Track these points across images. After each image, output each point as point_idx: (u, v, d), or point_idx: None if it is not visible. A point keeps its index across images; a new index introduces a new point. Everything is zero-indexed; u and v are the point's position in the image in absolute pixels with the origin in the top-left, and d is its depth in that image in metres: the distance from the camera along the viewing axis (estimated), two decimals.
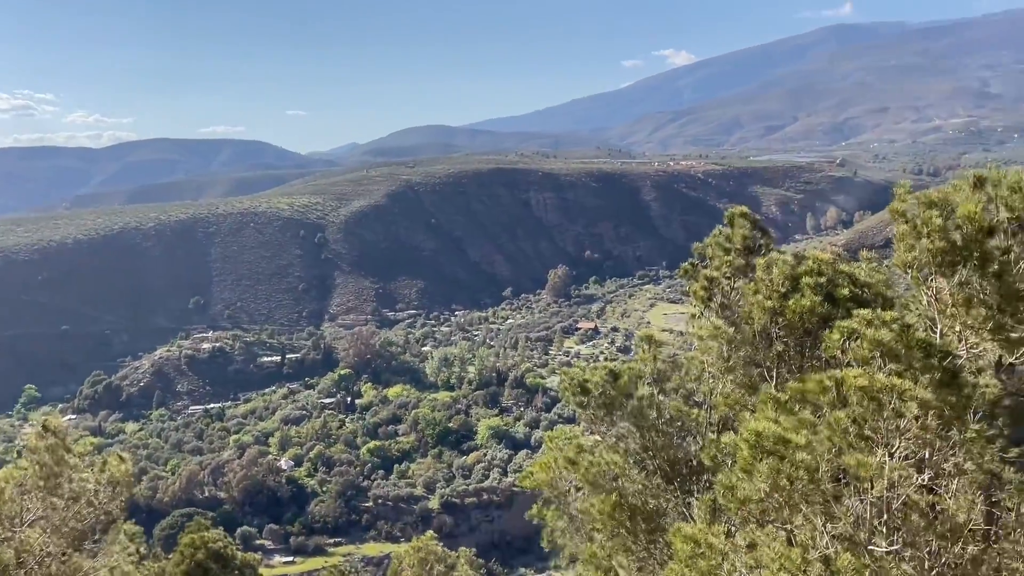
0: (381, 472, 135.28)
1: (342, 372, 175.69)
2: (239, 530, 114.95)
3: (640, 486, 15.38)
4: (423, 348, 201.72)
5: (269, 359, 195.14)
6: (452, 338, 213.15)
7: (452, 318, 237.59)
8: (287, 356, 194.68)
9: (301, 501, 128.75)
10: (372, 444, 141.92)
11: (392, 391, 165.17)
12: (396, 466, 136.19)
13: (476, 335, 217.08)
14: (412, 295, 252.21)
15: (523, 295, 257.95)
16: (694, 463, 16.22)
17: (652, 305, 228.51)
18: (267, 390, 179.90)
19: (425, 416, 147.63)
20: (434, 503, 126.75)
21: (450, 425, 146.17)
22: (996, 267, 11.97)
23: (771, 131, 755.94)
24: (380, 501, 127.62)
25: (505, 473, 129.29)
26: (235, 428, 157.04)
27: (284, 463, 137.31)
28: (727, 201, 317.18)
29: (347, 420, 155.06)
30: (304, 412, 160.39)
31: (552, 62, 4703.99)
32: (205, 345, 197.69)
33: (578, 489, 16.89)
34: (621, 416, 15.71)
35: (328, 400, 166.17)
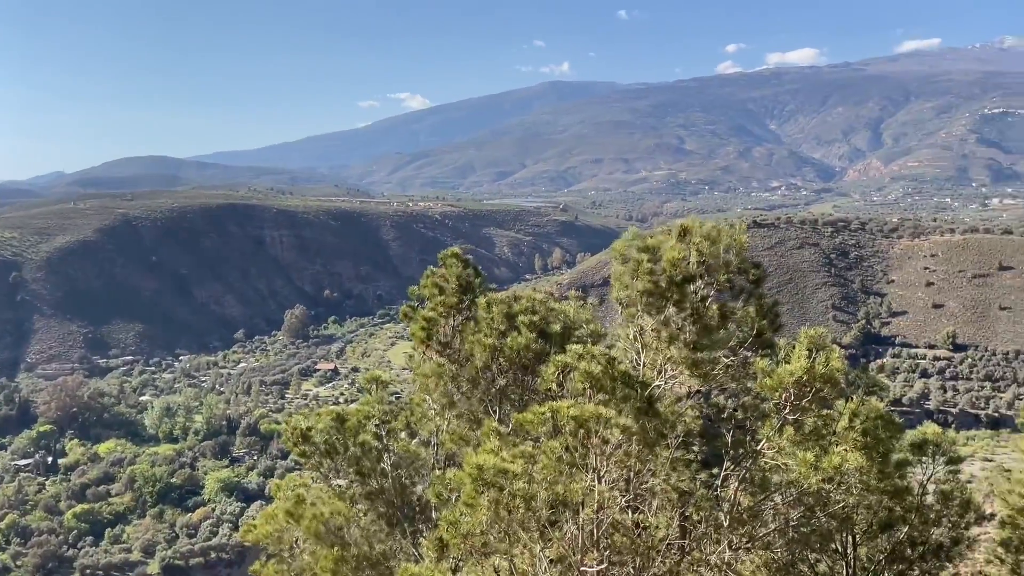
0: (90, 539, 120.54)
1: (42, 428, 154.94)
2: None
3: (368, 532, 15.09)
4: (142, 398, 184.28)
5: None
6: (176, 385, 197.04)
7: (176, 364, 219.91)
8: None
9: None
10: (79, 508, 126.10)
11: (104, 447, 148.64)
12: (108, 530, 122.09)
13: (204, 381, 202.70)
14: (129, 340, 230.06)
15: (257, 337, 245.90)
16: (423, 502, 16.27)
17: (393, 344, 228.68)
18: None
19: (143, 472, 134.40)
20: (154, 567, 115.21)
21: (173, 480, 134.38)
22: (692, 308, 13.46)
23: (502, 176, 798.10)
24: (88, 571, 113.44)
25: (236, 528, 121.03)
26: None
27: None
28: (463, 241, 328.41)
29: (48, 483, 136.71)
30: None
31: (287, 98, 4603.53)
32: None
33: (305, 540, 16.19)
34: (346, 462, 15.37)
35: (24, 461, 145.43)
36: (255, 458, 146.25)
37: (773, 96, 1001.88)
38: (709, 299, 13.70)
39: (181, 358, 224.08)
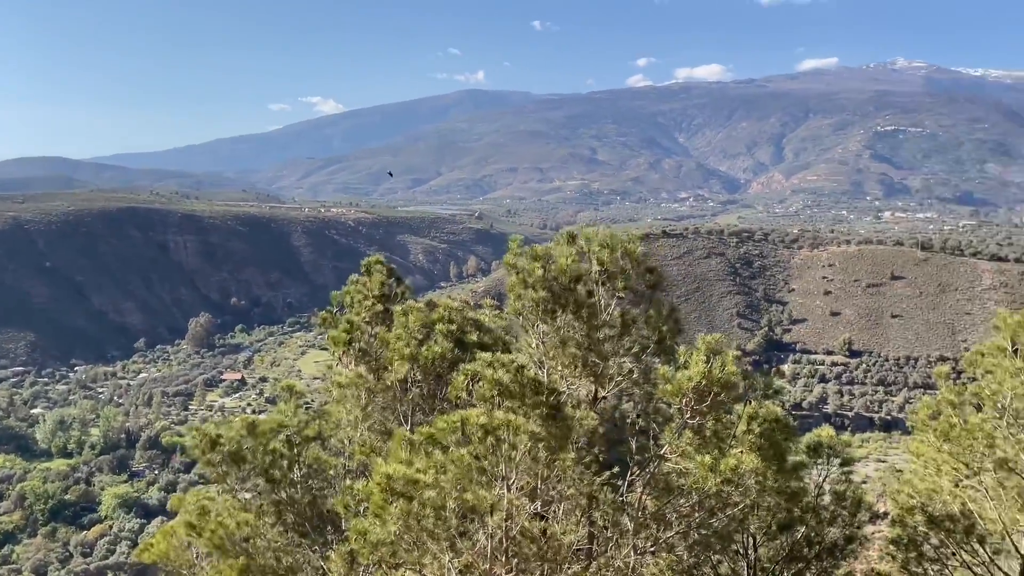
0: None
1: None
2: None
3: (275, 544, 14.71)
4: (33, 410, 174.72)
5: None
6: (71, 397, 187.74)
7: (71, 374, 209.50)
8: None
9: None
10: None
11: None
12: None
13: (101, 393, 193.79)
14: (19, 350, 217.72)
15: (159, 346, 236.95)
16: (333, 513, 15.98)
17: (303, 353, 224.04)
18: None
19: (35, 489, 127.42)
20: None
21: (67, 497, 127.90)
22: (586, 313, 13.67)
23: (417, 183, 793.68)
24: None
25: (135, 545, 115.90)
26: None
27: None
28: (377, 248, 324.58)
29: None
30: None
31: (193, 98, 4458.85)
32: None
33: (208, 555, 15.66)
34: (254, 472, 14.96)
35: None
36: (156, 472, 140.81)
37: (682, 110, 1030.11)
38: (611, 305, 13.95)
39: (76, 369, 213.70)
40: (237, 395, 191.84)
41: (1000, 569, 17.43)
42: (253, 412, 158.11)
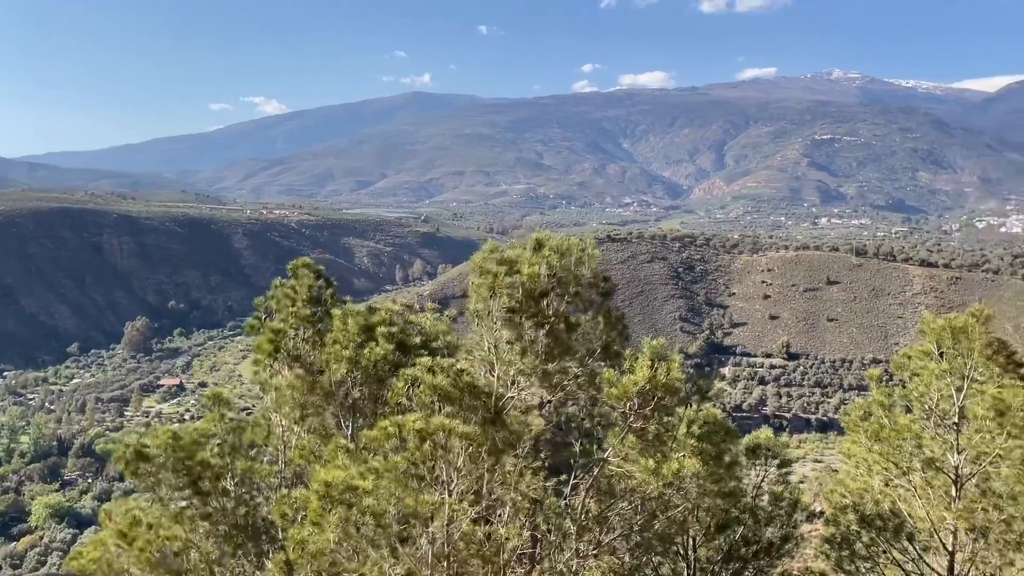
0: None
1: None
2: None
3: (208, 557, 14.32)
4: None
5: None
6: (0, 403, 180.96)
7: (0, 380, 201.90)
8: None
9: None
10: None
11: None
12: None
13: (32, 399, 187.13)
14: None
15: (94, 351, 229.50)
16: (267, 523, 15.63)
17: (244, 357, 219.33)
18: None
19: None
20: None
21: None
22: (547, 321, 13.69)
23: (362, 185, 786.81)
24: None
25: (67, 556, 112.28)
26: None
27: None
28: (321, 251, 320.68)
29: None
30: None
31: (130, 96, 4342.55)
32: None
33: (140, 568, 15.16)
34: (184, 482, 14.53)
35: None
36: (89, 481, 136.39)
37: (626, 116, 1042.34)
38: (561, 312, 13.99)
39: (5, 374, 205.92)
40: (175, 401, 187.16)
41: (929, 566, 17.97)
42: (192, 418, 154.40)
